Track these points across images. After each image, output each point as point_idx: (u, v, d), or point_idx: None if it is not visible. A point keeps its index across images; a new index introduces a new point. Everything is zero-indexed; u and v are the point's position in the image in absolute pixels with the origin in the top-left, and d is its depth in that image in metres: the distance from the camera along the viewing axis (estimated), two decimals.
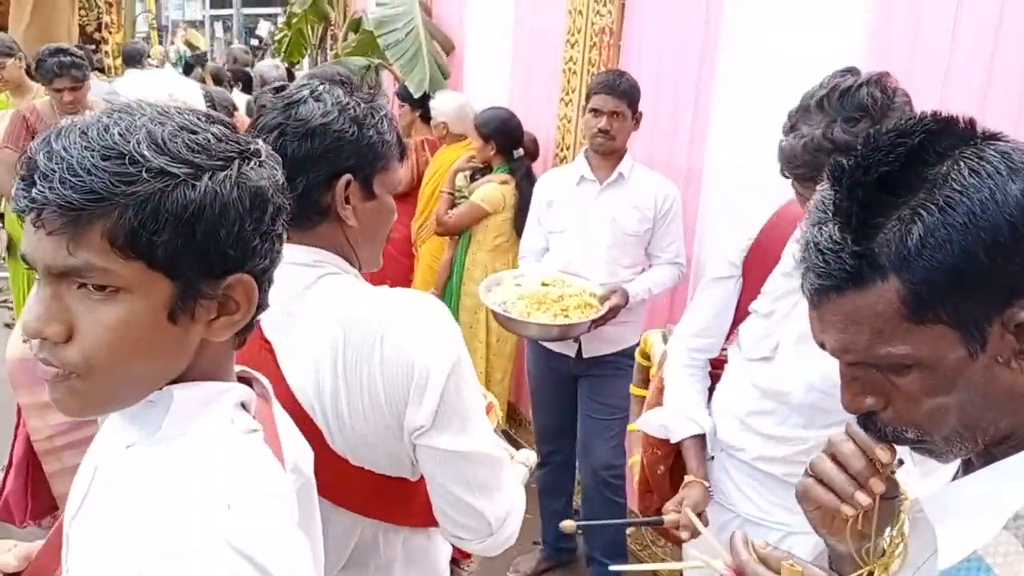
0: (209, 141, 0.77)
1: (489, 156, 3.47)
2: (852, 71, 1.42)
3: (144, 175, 0.72)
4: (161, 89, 2.09)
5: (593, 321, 2.61)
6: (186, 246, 0.75)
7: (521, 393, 3.53)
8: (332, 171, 1.15)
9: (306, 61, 11.42)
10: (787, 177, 1.47)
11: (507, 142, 3.44)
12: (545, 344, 2.87)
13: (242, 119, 4.34)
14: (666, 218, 2.75)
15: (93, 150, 0.72)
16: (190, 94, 2.12)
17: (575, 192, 2.79)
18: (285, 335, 1.14)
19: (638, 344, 2.85)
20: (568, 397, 2.93)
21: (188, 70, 7.53)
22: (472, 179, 3.61)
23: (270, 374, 1.06)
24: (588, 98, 2.71)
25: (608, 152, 2.72)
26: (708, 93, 2.82)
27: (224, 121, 0.82)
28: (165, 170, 0.73)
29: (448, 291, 3.58)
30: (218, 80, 7.34)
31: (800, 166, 1.40)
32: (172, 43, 21.55)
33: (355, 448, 1.15)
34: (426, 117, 4.21)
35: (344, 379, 1.12)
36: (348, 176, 1.16)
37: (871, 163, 0.75)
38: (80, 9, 7.00)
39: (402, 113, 4.50)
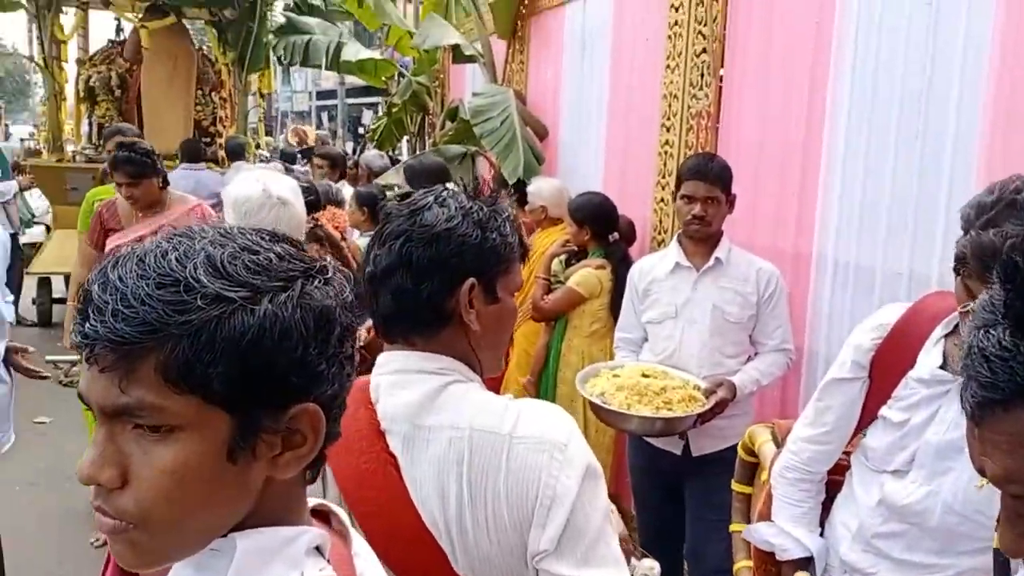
0: (271, 261, 0.72)
1: (584, 240, 3.43)
2: None
3: (199, 302, 0.67)
4: (256, 185, 2.12)
5: (699, 416, 2.47)
6: (245, 376, 0.69)
7: (621, 486, 3.38)
8: (456, 276, 1.14)
9: (405, 148, 11.88)
10: (959, 274, 1.34)
11: (602, 226, 3.39)
12: (648, 439, 2.74)
13: (339, 214, 4.45)
14: (770, 302, 2.62)
15: (148, 278, 0.68)
16: (284, 189, 2.15)
17: (671, 279, 2.69)
18: (410, 448, 1.12)
19: None
20: (674, 497, 2.76)
21: (291, 160, 7.88)
22: (568, 264, 3.57)
23: (394, 490, 1.02)
24: (679, 184, 2.63)
25: (704, 238, 2.63)
26: (814, 176, 2.71)
27: (289, 239, 0.78)
28: (221, 295, 0.68)
29: (544, 378, 3.50)
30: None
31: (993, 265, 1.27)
32: (282, 134, 22.85)
33: (478, 568, 1.10)
34: (521, 202, 4.23)
35: (469, 495, 1.08)
36: (472, 280, 1.14)
37: None
38: (196, 105, 7.50)
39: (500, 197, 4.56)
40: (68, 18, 7.19)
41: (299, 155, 9.47)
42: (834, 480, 1.78)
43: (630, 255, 3.40)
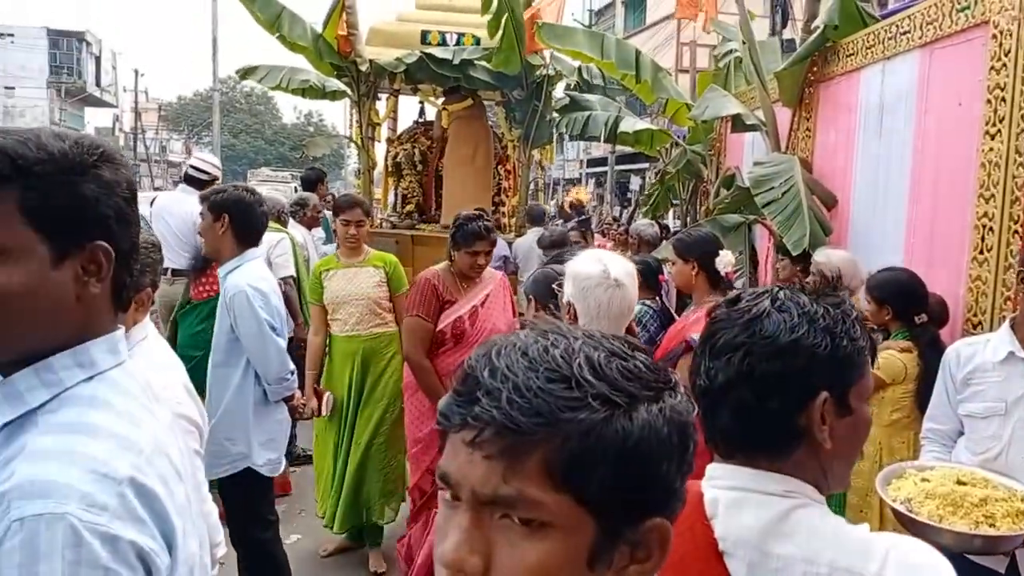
0: (640, 369, 0.72)
1: (884, 320, 3.16)
2: None
3: (590, 401, 0.68)
4: (598, 265, 2.21)
5: None
6: (619, 482, 0.68)
7: None
8: (806, 391, 1.03)
9: (671, 215, 11.90)
10: None
11: (906, 306, 3.10)
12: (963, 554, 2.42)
13: None
14: None
15: (537, 371, 0.69)
16: (622, 272, 2.24)
17: (1002, 370, 2.38)
18: (753, 574, 1.03)
19: None
20: None
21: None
22: None
23: None
24: None
25: None
26: None
27: (644, 348, 0.78)
28: (608, 397, 0.68)
29: None
30: None
31: None
32: (553, 200, 23.97)
33: None
34: (807, 273, 4.03)
35: None
36: (824, 394, 1.04)
37: None
38: None
39: (781, 266, 4.38)
40: (381, 103, 8.17)
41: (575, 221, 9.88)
42: None
43: (940, 339, 3.08)
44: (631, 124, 7.76)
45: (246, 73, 8.02)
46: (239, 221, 3.04)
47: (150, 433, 1.05)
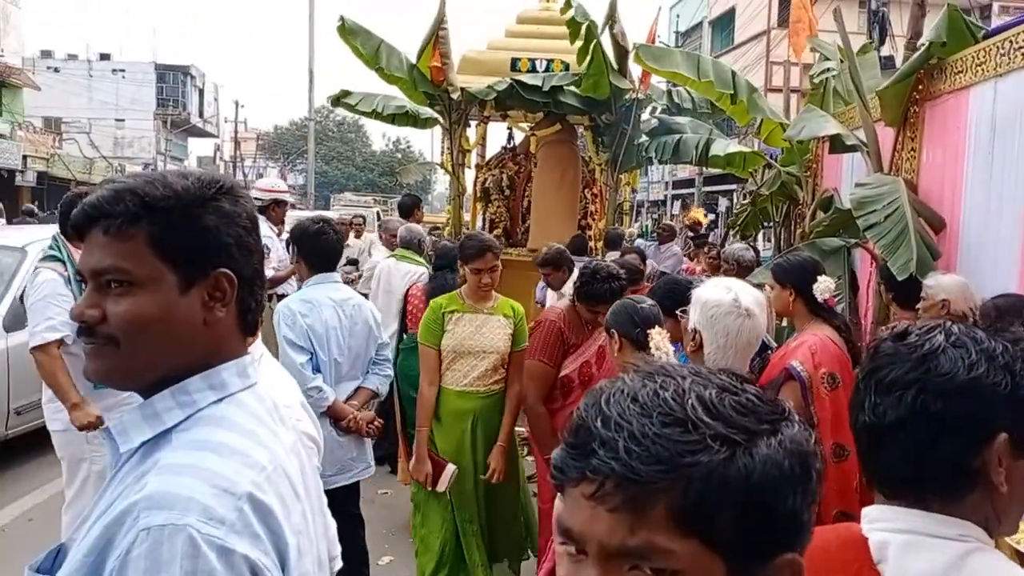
0: (753, 403, 0.71)
1: None
2: None
3: (708, 443, 0.67)
4: (728, 293, 2.23)
5: None
6: (746, 521, 0.67)
7: None
8: (984, 432, 0.99)
9: (760, 237, 11.65)
10: None
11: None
12: None
13: None
14: None
15: (650, 416, 0.68)
16: (752, 301, 2.22)
17: None
18: None
19: None
20: None
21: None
22: None
23: None
24: None
25: None
26: None
27: (751, 380, 0.77)
28: (727, 436, 0.67)
29: None
30: None
31: None
32: (636, 222, 23.81)
33: None
34: (903, 300, 3.87)
35: None
36: (1004, 436, 0.98)
37: None
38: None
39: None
40: (471, 130, 8.32)
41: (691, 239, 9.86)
42: None
43: None
44: (723, 147, 7.66)
45: (340, 98, 8.28)
46: (306, 250, 3.44)
47: (272, 453, 1.09)
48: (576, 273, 4.40)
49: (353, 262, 7.04)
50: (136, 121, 39.59)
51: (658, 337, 2.41)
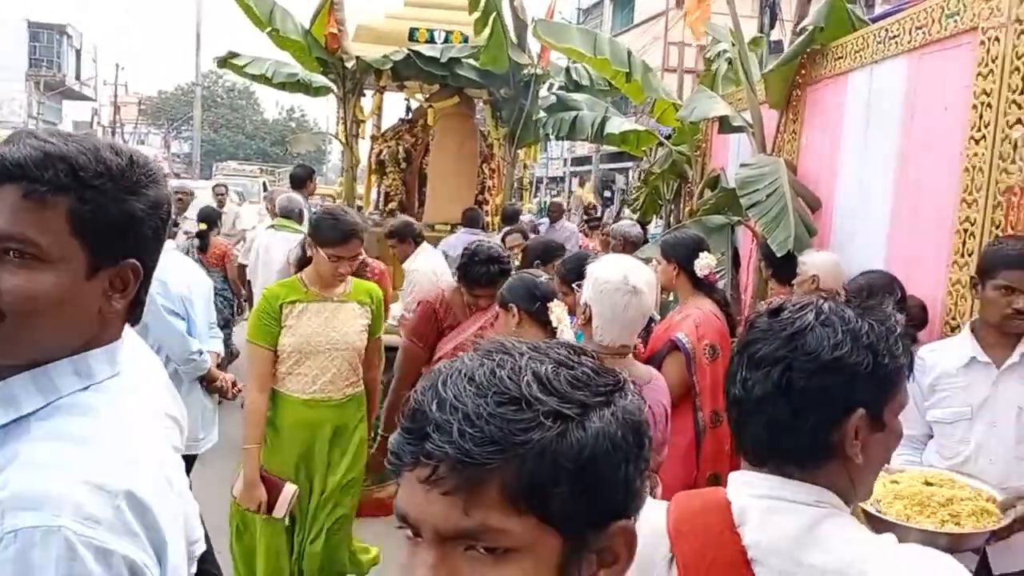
0: (588, 376, 0.72)
1: None
2: None
3: (542, 419, 0.67)
4: (619, 271, 2.27)
5: (993, 532, 2.16)
6: (580, 494, 0.68)
7: None
8: (844, 408, 1.04)
9: (654, 216, 11.96)
10: None
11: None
12: None
13: None
14: None
15: (485, 396, 0.67)
16: (642, 280, 2.30)
17: (965, 376, 2.41)
18: None
19: None
20: None
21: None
22: None
23: None
24: (991, 271, 2.35)
25: (1022, 333, 2.33)
26: None
27: (588, 352, 0.77)
28: (560, 412, 0.67)
29: None
30: None
31: None
32: (535, 198, 24.00)
33: None
34: (781, 276, 4.05)
35: None
36: (861, 411, 1.04)
37: None
38: None
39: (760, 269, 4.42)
40: (367, 100, 8.14)
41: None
42: None
43: (920, 342, 3.11)
44: (618, 124, 7.78)
45: (227, 59, 7.94)
46: None
47: (144, 444, 1.04)
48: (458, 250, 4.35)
49: (201, 234, 6.85)
50: (5, 83, 36.79)
51: (558, 310, 2.44)
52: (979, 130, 3.10)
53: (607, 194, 22.58)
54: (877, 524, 2.28)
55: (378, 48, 7.27)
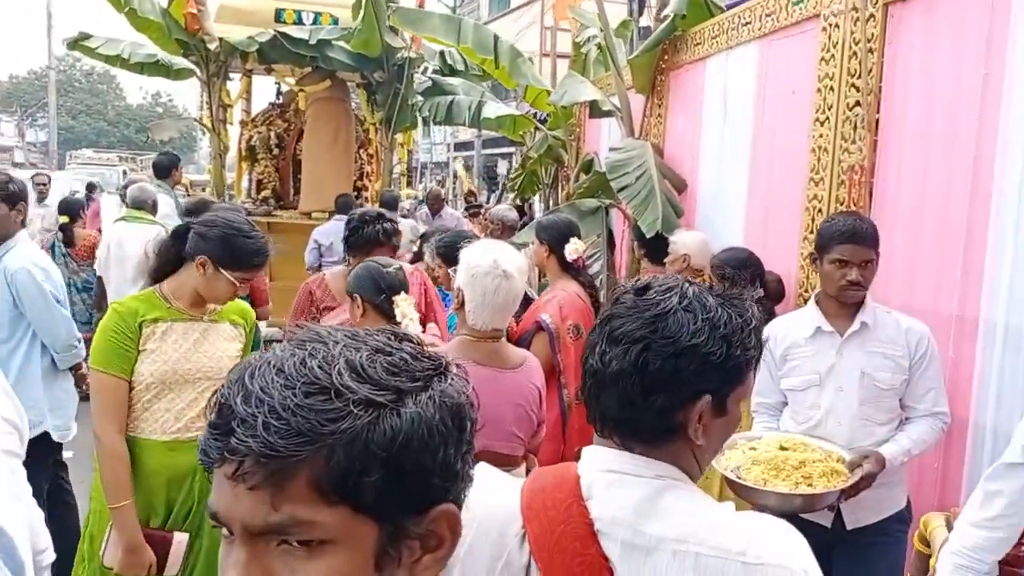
0: (405, 361, 0.71)
1: None
2: None
3: (352, 408, 0.65)
4: (488, 256, 2.26)
5: (842, 491, 2.32)
6: (396, 482, 0.67)
7: None
8: (692, 393, 1.07)
9: (537, 198, 12.11)
10: None
11: (747, 283, 3.29)
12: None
13: None
14: (922, 363, 2.44)
15: (293, 387, 0.65)
16: (511, 264, 2.29)
17: (812, 345, 2.55)
18: (629, 555, 1.05)
19: (907, 506, 2.51)
20: (823, 571, 2.59)
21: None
22: None
23: None
24: (827, 246, 2.47)
25: (858, 303, 2.49)
26: (982, 235, 2.53)
27: (411, 337, 0.77)
28: (371, 400, 0.66)
29: None
30: None
31: None
32: (421, 184, 23.80)
33: None
34: (653, 256, 4.19)
35: None
36: (708, 397, 1.07)
37: None
38: None
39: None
40: (234, 84, 7.82)
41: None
42: (1013, 573, 1.63)
43: (776, 314, 3.28)
44: (494, 109, 7.80)
45: (78, 41, 7.43)
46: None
47: None
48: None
49: (64, 227, 6.48)
50: None
51: (404, 304, 2.40)
52: (823, 112, 3.29)
53: (497, 180, 22.67)
54: (737, 489, 2.40)
55: (242, 29, 6.99)
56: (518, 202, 9.14)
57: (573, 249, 3.35)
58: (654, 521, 1.04)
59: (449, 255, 3.16)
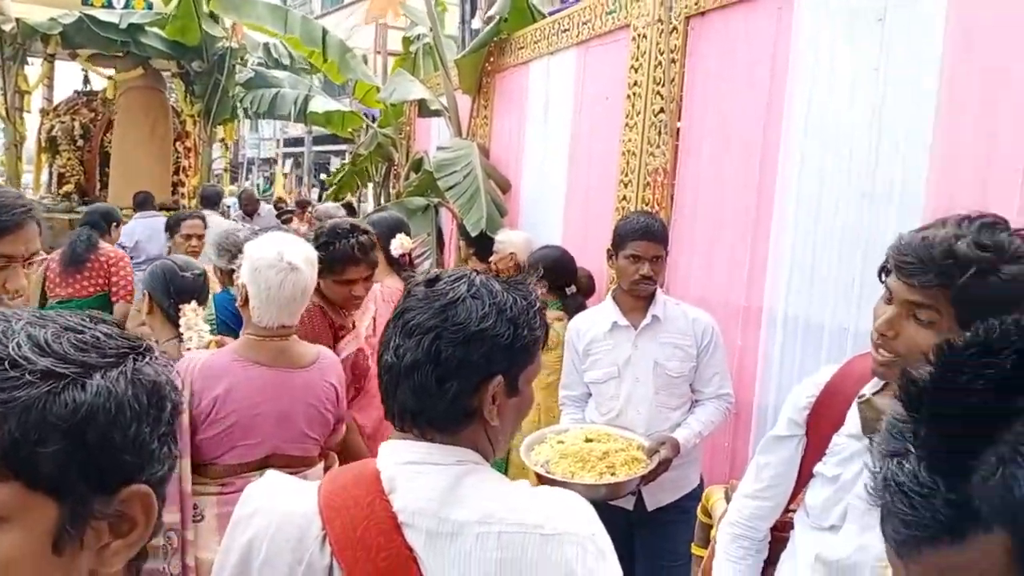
0: (98, 339, 0.69)
1: (541, 294, 3.45)
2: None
3: (29, 377, 0.63)
4: (273, 248, 2.13)
5: (643, 477, 2.47)
6: (76, 456, 0.63)
7: None
8: (484, 375, 1.10)
9: (371, 196, 11.96)
10: (887, 275, 1.34)
11: (558, 279, 3.43)
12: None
13: None
14: (707, 351, 2.64)
15: None
16: (298, 256, 2.15)
17: (610, 339, 2.69)
18: (433, 543, 1.06)
19: (700, 483, 2.71)
20: (627, 550, 2.75)
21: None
22: None
23: None
24: (622, 243, 2.59)
25: (650, 296, 2.66)
26: (765, 233, 2.78)
27: (112, 321, 0.75)
28: (51, 371, 0.64)
29: None
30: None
31: (914, 262, 1.26)
32: (247, 180, 22.79)
33: None
34: (480, 254, 4.27)
35: None
36: (499, 378, 1.11)
37: (954, 388, 0.61)
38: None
39: (460, 247, 4.61)
40: (34, 69, 7.18)
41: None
42: (781, 537, 1.80)
43: (587, 308, 3.45)
44: (322, 104, 7.64)
45: None
46: None
47: None
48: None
49: None
50: None
51: (191, 314, 2.28)
52: (632, 118, 3.48)
53: (324, 176, 22.09)
54: (547, 483, 2.48)
55: (45, 10, 6.44)
56: (332, 201, 8.96)
57: (399, 245, 3.35)
58: (456, 507, 1.07)
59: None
